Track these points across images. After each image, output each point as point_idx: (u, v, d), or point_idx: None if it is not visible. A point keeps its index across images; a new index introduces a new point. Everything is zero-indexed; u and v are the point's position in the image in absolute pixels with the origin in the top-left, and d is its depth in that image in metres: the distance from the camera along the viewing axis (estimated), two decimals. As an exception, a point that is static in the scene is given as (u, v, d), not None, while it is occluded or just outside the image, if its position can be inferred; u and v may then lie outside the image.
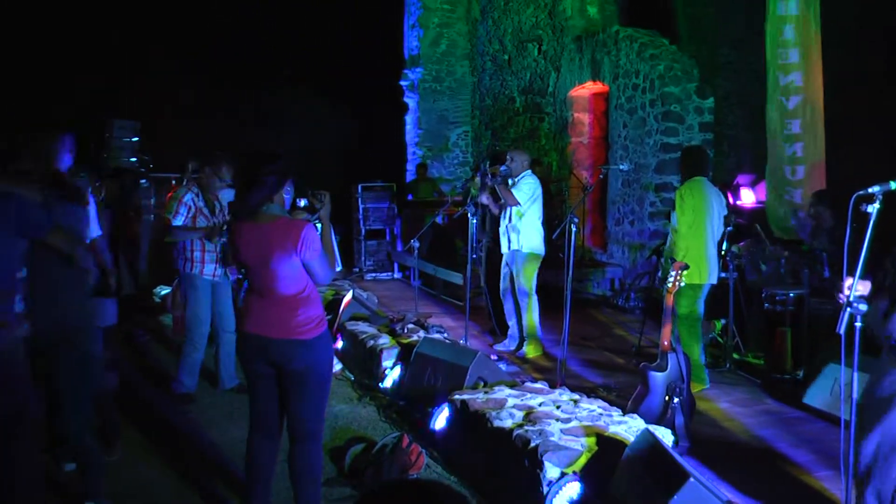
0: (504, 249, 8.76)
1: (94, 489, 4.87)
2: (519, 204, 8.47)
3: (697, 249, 7.12)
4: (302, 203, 4.80)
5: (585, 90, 13.94)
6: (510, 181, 8.66)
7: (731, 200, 10.57)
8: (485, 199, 8.86)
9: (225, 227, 7.19)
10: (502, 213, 8.73)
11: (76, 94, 19.49)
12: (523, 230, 8.50)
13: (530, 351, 8.63)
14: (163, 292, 11.17)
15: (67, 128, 5.84)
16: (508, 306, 8.87)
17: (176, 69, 20.96)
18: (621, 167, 11.21)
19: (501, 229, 8.77)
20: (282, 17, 21.56)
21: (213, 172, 7.36)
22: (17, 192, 4.22)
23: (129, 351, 9.25)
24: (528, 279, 8.55)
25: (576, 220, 7.22)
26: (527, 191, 8.51)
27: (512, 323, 8.89)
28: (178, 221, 7.12)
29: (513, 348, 8.85)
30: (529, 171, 8.72)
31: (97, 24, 20.58)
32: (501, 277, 8.87)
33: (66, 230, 4.60)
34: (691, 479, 3.88)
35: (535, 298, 8.59)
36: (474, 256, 9.00)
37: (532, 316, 8.59)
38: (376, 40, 20.37)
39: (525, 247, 8.52)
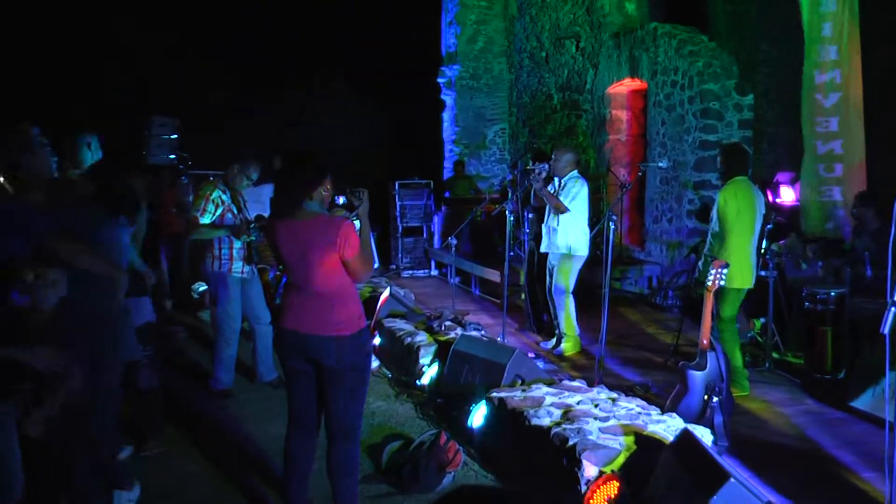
0: (543, 248, 8.72)
1: (119, 481, 4.88)
2: (565, 209, 8.35)
3: (742, 253, 7.01)
4: (341, 200, 4.80)
5: (623, 87, 13.87)
6: (556, 181, 8.60)
7: (770, 198, 10.50)
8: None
9: (252, 225, 7.22)
10: (547, 213, 8.66)
11: (115, 94, 19.68)
12: (560, 230, 8.43)
13: (568, 348, 8.59)
14: (201, 288, 11.24)
15: (95, 126, 5.91)
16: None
17: (210, 67, 21.08)
18: (660, 164, 11.14)
19: (544, 229, 8.72)
20: (319, 15, 21.63)
21: (241, 170, 7.40)
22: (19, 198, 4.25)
23: (167, 347, 9.32)
24: (563, 277, 8.49)
25: (614, 217, 7.17)
26: (570, 192, 8.45)
27: (557, 321, 8.81)
28: (206, 219, 7.14)
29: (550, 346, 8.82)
30: (576, 172, 8.62)
31: (134, 21, 20.77)
32: (548, 275, 8.82)
33: (72, 236, 4.61)
34: (732, 479, 3.84)
35: (571, 297, 8.53)
36: (511, 254, 8.98)
37: (569, 314, 8.55)
38: (413, 37, 20.39)
39: (562, 246, 8.45)
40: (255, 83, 21.51)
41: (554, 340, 8.85)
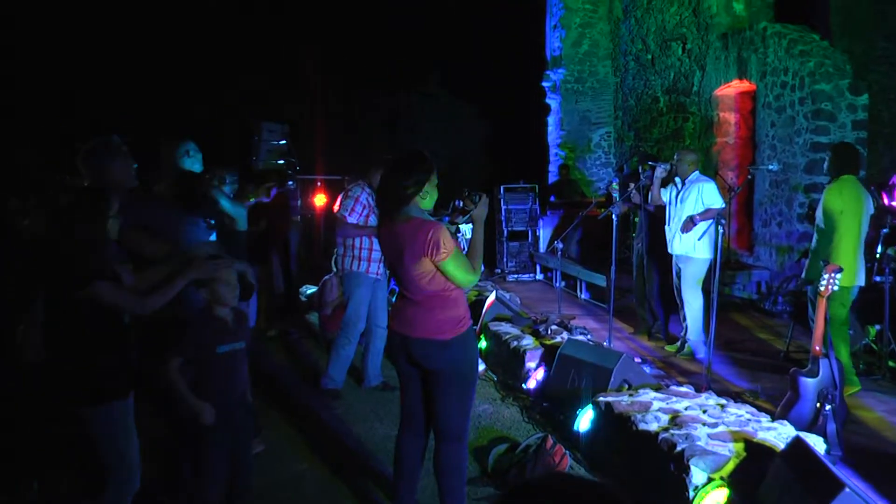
0: (672, 250, 8.64)
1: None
2: (689, 228, 8.31)
3: (848, 251, 6.87)
4: (460, 204, 4.82)
5: (731, 89, 13.65)
6: (678, 182, 8.54)
7: (885, 201, 10.20)
8: (637, 198, 8.81)
9: None
10: (669, 215, 8.61)
11: (228, 100, 20.18)
12: (693, 234, 8.33)
13: (688, 351, 8.51)
14: (309, 291, 11.45)
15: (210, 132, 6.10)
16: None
17: (321, 72, 21.43)
18: (770, 167, 10.91)
19: (670, 231, 8.64)
20: (427, 22, 21.83)
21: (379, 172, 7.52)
22: None
23: (280, 348, 9.53)
24: (691, 281, 8.39)
25: (723, 221, 7.09)
26: (716, 196, 8.34)
27: (685, 324, 8.75)
28: (353, 219, 7.33)
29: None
30: (698, 172, 8.55)
31: (246, 29, 21.27)
32: (675, 277, 8.74)
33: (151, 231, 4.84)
34: (847, 489, 3.77)
35: (699, 302, 8.42)
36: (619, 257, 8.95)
37: (694, 319, 8.45)
38: (518, 42, 20.45)
39: (689, 249, 8.37)
40: (362, 88, 21.82)
41: (678, 344, 8.81)
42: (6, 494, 4.90)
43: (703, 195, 8.32)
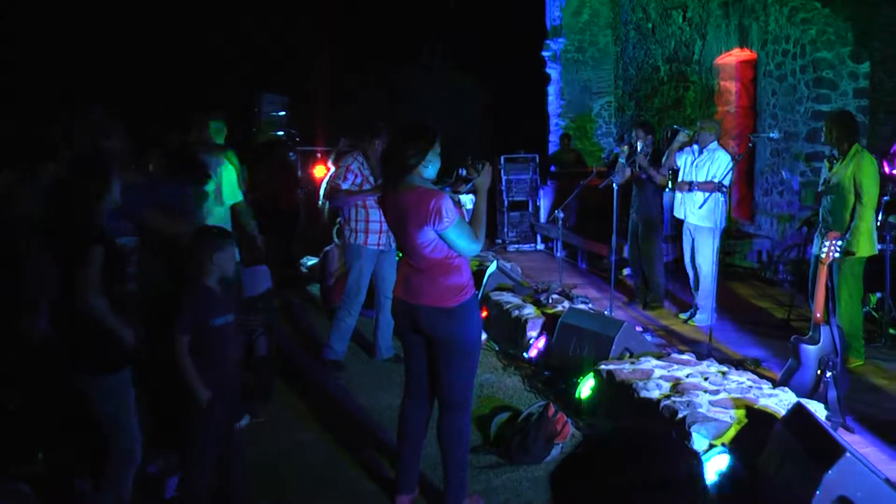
0: (680, 215, 8.72)
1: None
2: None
3: (871, 220, 6.88)
4: (463, 173, 4.82)
5: (732, 58, 13.59)
6: (695, 150, 8.60)
7: (887, 169, 10.19)
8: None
9: None
10: (681, 180, 8.67)
11: (230, 73, 20.14)
12: (704, 203, 8.37)
13: (703, 320, 8.55)
14: (309, 262, 11.46)
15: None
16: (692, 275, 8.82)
17: (320, 44, 21.35)
18: (770, 136, 10.87)
19: (678, 198, 8.72)
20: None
21: (376, 139, 7.49)
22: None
23: (283, 319, 9.54)
24: (705, 250, 8.44)
25: (724, 188, 7.08)
26: (722, 166, 8.40)
27: (696, 292, 8.79)
28: (346, 186, 7.29)
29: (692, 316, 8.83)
30: (717, 143, 8.64)
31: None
32: (684, 246, 8.83)
33: (169, 209, 4.82)
34: (847, 454, 3.80)
35: (713, 269, 8.48)
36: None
37: (706, 288, 8.49)
38: (518, 11, 20.34)
39: (705, 218, 8.41)
40: (360, 59, 21.75)
41: (690, 312, 8.88)
42: (12, 465, 4.93)
43: (716, 164, 8.41)
